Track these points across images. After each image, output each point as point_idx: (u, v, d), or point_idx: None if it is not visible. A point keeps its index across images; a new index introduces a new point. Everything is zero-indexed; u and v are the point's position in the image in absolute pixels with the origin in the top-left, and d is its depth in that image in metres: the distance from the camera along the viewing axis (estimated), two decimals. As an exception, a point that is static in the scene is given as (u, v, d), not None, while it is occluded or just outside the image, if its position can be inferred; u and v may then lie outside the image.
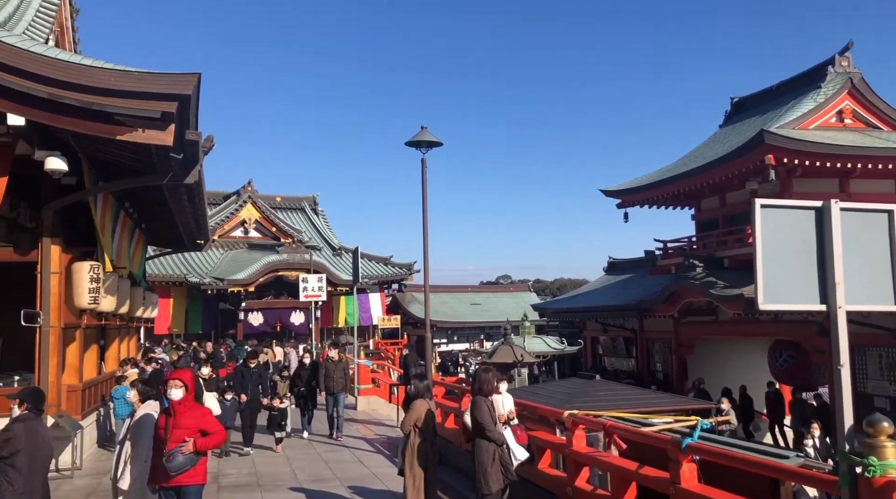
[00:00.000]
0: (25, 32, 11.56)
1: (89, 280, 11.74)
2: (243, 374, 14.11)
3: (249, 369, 14.22)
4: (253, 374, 14.18)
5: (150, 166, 11.14)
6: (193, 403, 6.19)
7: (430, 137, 13.05)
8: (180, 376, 6.25)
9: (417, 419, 8.36)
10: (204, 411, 6.35)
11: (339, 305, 35.73)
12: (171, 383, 6.09)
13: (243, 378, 13.97)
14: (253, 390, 13.91)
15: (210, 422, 6.24)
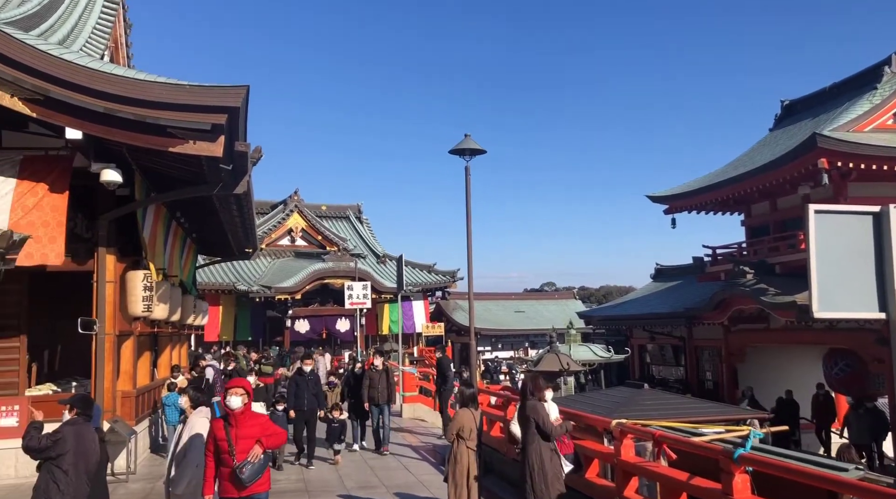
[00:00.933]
0: (83, 49, 12.00)
1: (143, 288, 12.05)
2: (298, 382, 13.02)
3: (304, 377, 13.09)
4: (308, 382, 13.06)
5: (201, 177, 11.41)
6: (252, 411, 6.05)
7: (473, 144, 13.08)
8: (240, 383, 6.07)
9: (461, 428, 8.36)
10: (263, 419, 6.22)
11: (383, 312, 35.98)
12: (231, 391, 5.91)
13: (298, 387, 12.92)
14: (309, 399, 12.93)
15: (271, 428, 6.13)
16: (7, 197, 10.36)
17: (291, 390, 12.94)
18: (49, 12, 12.41)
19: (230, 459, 5.73)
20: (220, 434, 5.82)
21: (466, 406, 8.55)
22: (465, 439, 8.35)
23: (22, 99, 9.58)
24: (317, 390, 13.28)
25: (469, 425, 8.40)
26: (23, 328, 11.90)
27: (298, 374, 13.29)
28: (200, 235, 19.34)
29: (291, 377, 13.63)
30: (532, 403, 7.86)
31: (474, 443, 8.39)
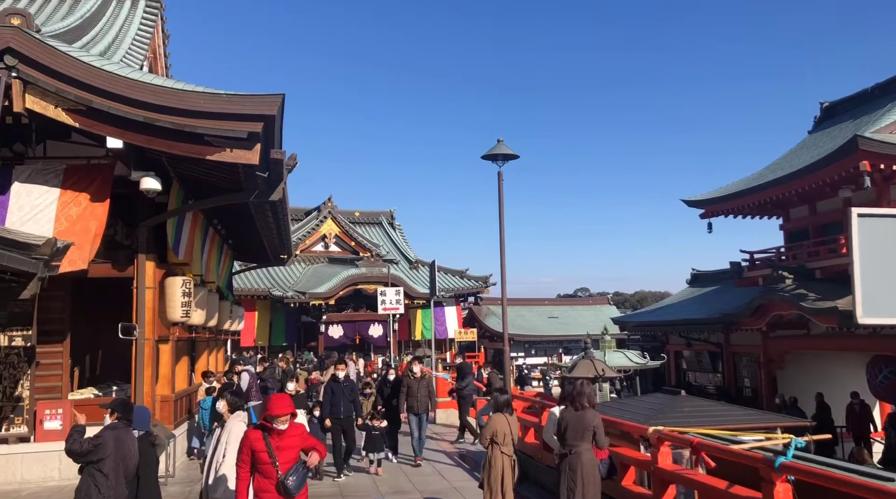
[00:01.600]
0: (123, 59, 12.29)
1: (182, 294, 12.25)
2: (333, 389, 12.26)
3: (340, 384, 12.29)
4: (345, 389, 12.26)
5: (238, 184, 11.59)
6: (293, 422, 5.85)
7: (506, 149, 13.06)
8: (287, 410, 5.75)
9: (494, 433, 8.32)
10: (301, 429, 6.00)
11: (415, 317, 36.05)
12: (279, 420, 5.65)
13: (333, 394, 12.17)
14: (346, 406, 12.21)
15: (311, 439, 5.97)
16: (52, 206, 10.65)
17: (327, 398, 12.30)
18: (91, 25, 12.75)
19: (273, 470, 5.58)
20: (258, 446, 5.63)
21: (501, 412, 8.50)
22: (499, 444, 8.30)
23: (65, 109, 9.84)
24: (353, 397, 12.48)
25: (503, 430, 8.35)
26: (66, 333, 12.18)
27: (333, 380, 12.53)
28: (237, 241, 19.63)
29: (326, 384, 12.93)
30: (591, 412, 7.79)
31: (509, 448, 8.34)
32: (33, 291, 8.81)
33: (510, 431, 8.37)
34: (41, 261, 8.58)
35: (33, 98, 9.76)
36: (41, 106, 9.81)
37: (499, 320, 41.47)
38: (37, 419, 11.31)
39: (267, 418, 5.66)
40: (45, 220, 10.57)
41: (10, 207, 10.65)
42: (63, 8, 15.50)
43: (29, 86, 9.69)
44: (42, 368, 11.81)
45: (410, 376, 13.39)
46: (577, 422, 7.70)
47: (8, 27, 9.45)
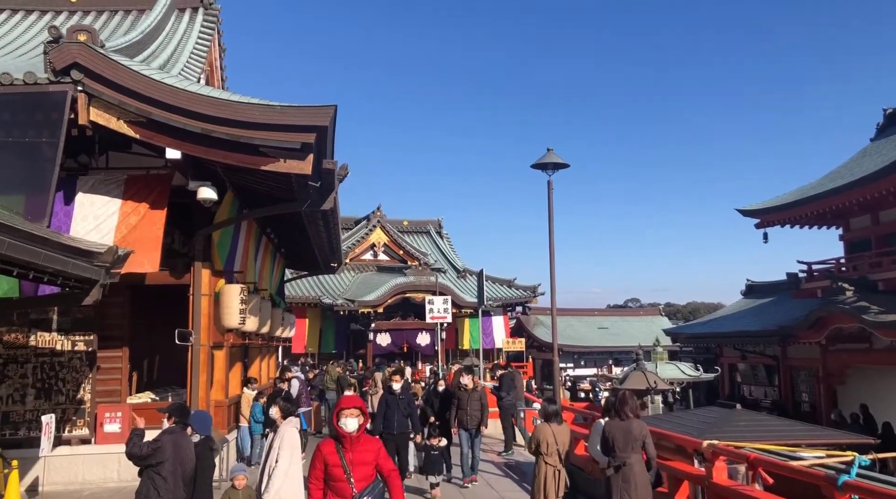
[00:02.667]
0: (181, 72, 12.63)
1: (238, 301, 12.50)
2: (388, 402, 11.22)
3: (395, 396, 11.26)
4: (400, 402, 11.23)
5: (290, 194, 11.79)
6: (367, 434, 5.41)
7: (556, 158, 12.98)
8: (354, 403, 5.36)
9: (538, 443, 8.26)
10: (378, 444, 5.48)
11: (463, 327, 36.01)
12: (345, 412, 5.25)
13: (388, 408, 11.15)
14: (400, 421, 11.17)
15: (384, 454, 5.45)
16: (114, 216, 11.02)
17: (380, 411, 11.23)
18: (151, 39, 13.16)
19: (347, 487, 5.16)
20: (332, 460, 5.21)
21: (548, 421, 8.43)
22: (544, 454, 8.23)
23: (127, 121, 10.18)
24: (409, 411, 11.33)
25: (548, 440, 8.27)
26: (125, 339, 12.55)
27: (388, 392, 11.50)
28: (288, 250, 19.95)
29: (381, 397, 11.86)
30: (638, 422, 7.68)
31: (554, 459, 8.25)
32: (95, 298, 9.08)
33: (556, 441, 8.27)
34: (103, 268, 8.84)
35: (97, 111, 10.12)
36: (104, 118, 10.16)
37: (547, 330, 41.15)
38: (97, 422, 11.67)
39: (337, 413, 5.31)
40: (107, 229, 10.93)
41: (75, 217, 11.05)
42: (125, 23, 16.08)
43: (93, 99, 10.06)
44: (102, 373, 12.18)
45: (461, 389, 12.54)
46: (626, 433, 7.58)
47: (75, 43, 9.83)
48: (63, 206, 10.99)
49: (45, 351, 11.82)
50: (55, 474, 11.30)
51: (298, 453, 6.58)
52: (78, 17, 16.34)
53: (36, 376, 11.76)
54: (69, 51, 9.84)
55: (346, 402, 5.36)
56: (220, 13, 16.94)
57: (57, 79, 9.88)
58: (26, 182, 10.35)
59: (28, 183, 10.35)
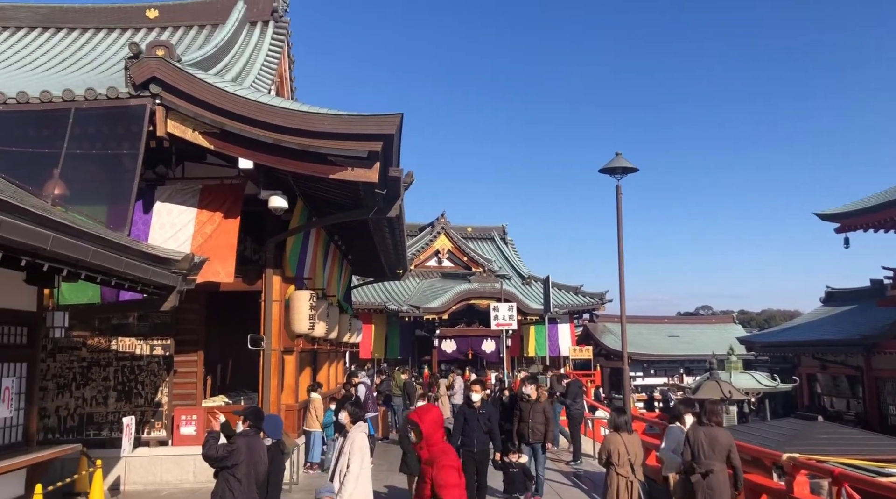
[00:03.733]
0: (253, 84, 12.99)
1: (308, 307, 12.73)
2: (466, 415, 9.86)
3: (474, 409, 9.87)
4: (480, 416, 9.79)
5: (357, 202, 11.95)
6: (443, 446, 5.43)
7: (624, 162, 12.73)
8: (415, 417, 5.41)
9: (608, 453, 8.10)
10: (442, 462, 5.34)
11: (528, 334, 35.72)
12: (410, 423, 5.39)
13: (466, 422, 9.79)
14: (480, 438, 9.72)
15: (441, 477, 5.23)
16: (190, 224, 11.39)
17: (458, 425, 9.90)
18: (224, 53, 13.57)
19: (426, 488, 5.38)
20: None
21: (618, 431, 8.25)
22: (615, 464, 8.06)
23: (202, 133, 10.52)
24: (490, 426, 9.95)
25: (619, 450, 8.10)
26: (200, 344, 12.93)
27: (467, 404, 10.11)
28: (355, 256, 20.22)
29: (459, 409, 10.63)
30: (724, 430, 7.53)
31: (626, 469, 8.06)
32: (173, 304, 9.40)
33: (626, 451, 8.09)
34: (180, 275, 9.15)
35: (174, 123, 10.50)
36: (180, 130, 10.53)
37: (615, 338, 40.41)
38: (174, 424, 12.04)
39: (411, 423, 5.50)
40: (184, 237, 11.31)
41: (153, 225, 11.48)
42: (200, 38, 16.66)
43: (170, 112, 10.44)
44: (179, 376, 12.58)
45: (523, 399, 11.63)
46: (713, 441, 7.44)
47: (153, 58, 10.22)
48: (142, 215, 11.43)
49: (125, 355, 12.30)
50: (135, 473, 11.72)
51: (368, 457, 6.63)
52: (156, 33, 17.01)
53: (117, 379, 12.24)
54: (148, 65, 10.24)
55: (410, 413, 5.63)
56: (289, 25, 17.37)
57: (137, 93, 10.31)
58: (108, 192, 10.81)
59: (110, 193, 10.82)
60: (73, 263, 7.10)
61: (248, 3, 16.84)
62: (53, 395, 12.02)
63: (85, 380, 12.19)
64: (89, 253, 6.96)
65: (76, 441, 10.90)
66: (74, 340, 12.10)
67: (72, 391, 12.13)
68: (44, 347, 11.16)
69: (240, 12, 16.12)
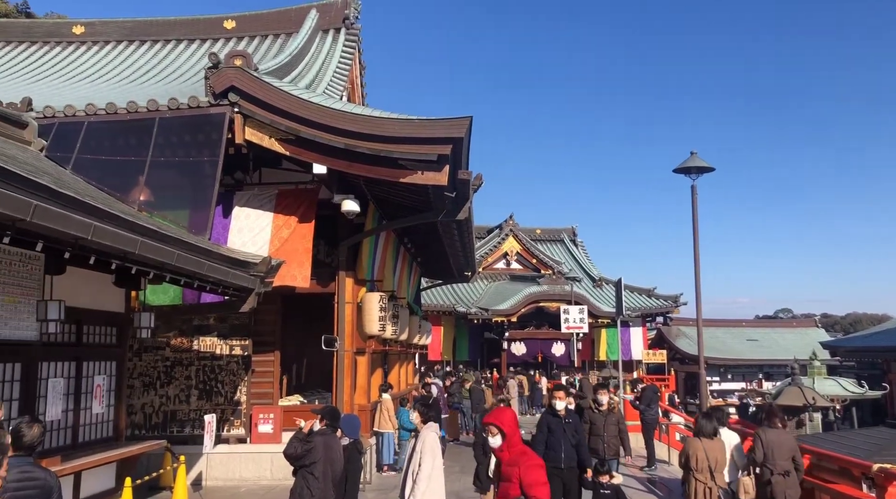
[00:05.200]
0: (325, 91, 13.29)
1: (379, 309, 12.91)
2: (550, 426, 8.40)
3: (560, 419, 8.37)
4: (566, 426, 8.35)
5: (427, 205, 12.05)
6: (523, 448, 5.04)
7: (699, 162, 12.42)
8: (492, 419, 5.04)
9: (688, 459, 7.90)
10: (529, 461, 4.94)
11: (600, 337, 35.19)
12: (487, 429, 5.02)
13: (551, 433, 8.36)
14: (568, 451, 8.27)
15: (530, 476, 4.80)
16: (267, 229, 11.74)
17: (540, 437, 8.48)
18: (298, 61, 13.93)
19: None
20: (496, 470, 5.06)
21: (699, 436, 8.05)
22: (694, 470, 7.87)
23: (277, 139, 10.84)
24: (579, 439, 8.44)
25: (698, 456, 7.90)
26: (277, 344, 13.28)
27: (550, 413, 8.55)
28: (424, 259, 20.39)
29: (541, 418, 8.91)
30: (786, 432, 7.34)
31: (705, 475, 7.85)
32: (251, 305, 9.71)
33: (707, 457, 7.87)
34: (258, 277, 9.44)
35: (251, 130, 10.85)
36: (258, 137, 10.88)
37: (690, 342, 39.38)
38: (252, 422, 12.41)
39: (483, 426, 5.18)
40: (261, 241, 11.67)
41: (232, 229, 11.88)
42: (275, 47, 17.15)
43: (248, 119, 10.79)
44: (256, 376, 12.95)
45: (594, 409, 10.48)
46: (783, 443, 7.30)
47: (232, 68, 10.59)
48: (222, 219, 11.84)
49: (206, 355, 12.75)
50: (215, 469, 12.13)
51: (440, 456, 6.67)
52: (233, 43, 17.61)
53: (198, 378, 12.70)
54: (227, 75, 10.62)
55: (487, 416, 5.21)
56: (360, 32, 17.67)
57: (216, 102, 10.70)
58: (190, 198, 11.27)
59: (191, 199, 11.27)
60: (159, 266, 7.42)
61: (321, 11, 17.24)
62: (140, 392, 12.57)
63: (168, 378, 12.70)
64: (174, 256, 7.26)
65: (161, 437, 11.36)
66: (159, 340, 12.61)
67: (156, 389, 12.66)
68: (131, 346, 11.68)
69: (313, 20, 16.52)
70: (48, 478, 4.33)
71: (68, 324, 8.32)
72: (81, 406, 8.91)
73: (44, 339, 7.75)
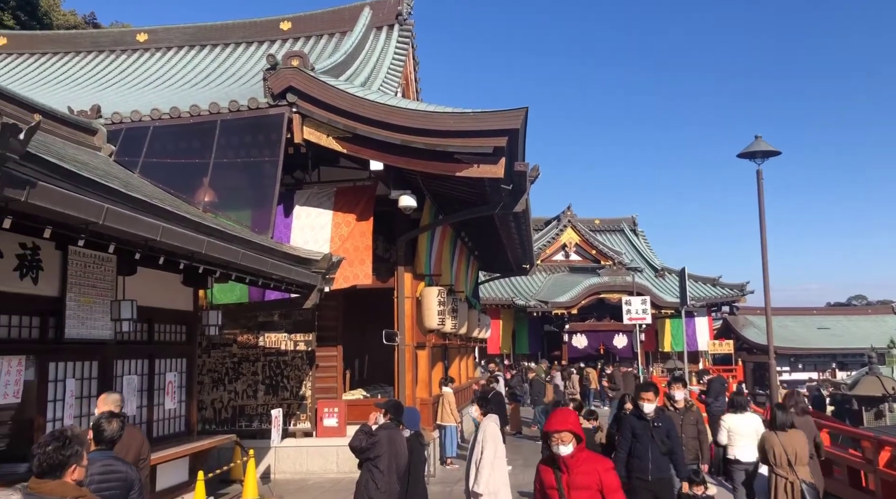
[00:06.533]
0: (380, 88, 13.39)
1: (437, 303, 12.97)
2: (635, 429, 7.21)
3: (647, 422, 7.18)
4: (655, 431, 7.13)
5: (483, 198, 12.02)
6: (589, 452, 4.55)
7: (765, 146, 12.02)
8: (565, 425, 4.37)
9: (763, 453, 7.67)
10: (605, 464, 4.51)
11: (663, 328, 34.55)
12: (555, 437, 4.34)
13: (636, 440, 7.15)
14: (658, 462, 7.08)
15: (611, 480, 4.37)
16: (327, 226, 11.93)
17: (624, 443, 7.29)
18: (352, 59, 14.08)
19: None
20: (548, 481, 4.45)
21: (776, 429, 7.80)
22: (773, 464, 7.62)
23: (335, 138, 10.98)
24: (670, 447, 7.23)
25: (775, 449, 7.65)
26: (339, 339, 13.49)
27: (636, 415, 7.36)
28: (481, 252, 20.37)
29: (624, 422, 7.65)
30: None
31: (785, 470, 7.59)
32: (314, 302, 9.88)
33: (785, 450, 7.62)
34: (320, 274, 9.60)
35: (309, 129, 11.02)
36: (316, 136, 11.04)
37: (758, 331, 38.25)
38: (317, 416, 12.64)
39: (544, 435, 4.53)
40: (322, 238, 11.85)
41: (293, 228, 12.11)
42: (330, 46, 17.37)
43: (306, 119, 10.97)
44: (320, 370, 13.19)
45: (670, 407, 8.72)
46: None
47: (289, 68, 10.77)
48: (283, 218, 12.08)
49: (271, 350, 13.04)
50: (283, 463, 12.41)
51: (501, 444, 6.68)
52: (290, 44, 17.92)
53: (265, 373, 13.00)
54: (284, 75, 10.81)
55: (554, 423, 4.43)
56: (413, 28, 17.74)
57: (275, 102, 10.91)
58: (252, 198, 11.53)
59: (253, 198, 11.53)
60: (224, 264, 7.62)
61: (374, 9, 17.38)
62: (209, 388, 12.95)
63: (236, 374, 13.04)
64: (239, 255, 7.43)
65: (230, 432, 11.67)
66: (226, 337, 12.96)
67: (225, 385, 13.01)
68: (200, 343, 12.03)
69: (366, 18, 16.66)
70: (129, 471, 4.49)
71: (140, 323, 8.60)
72: (155, 402, 9.22)
73: (118, 337, 8.05)
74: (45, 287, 7.01)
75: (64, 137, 8.84)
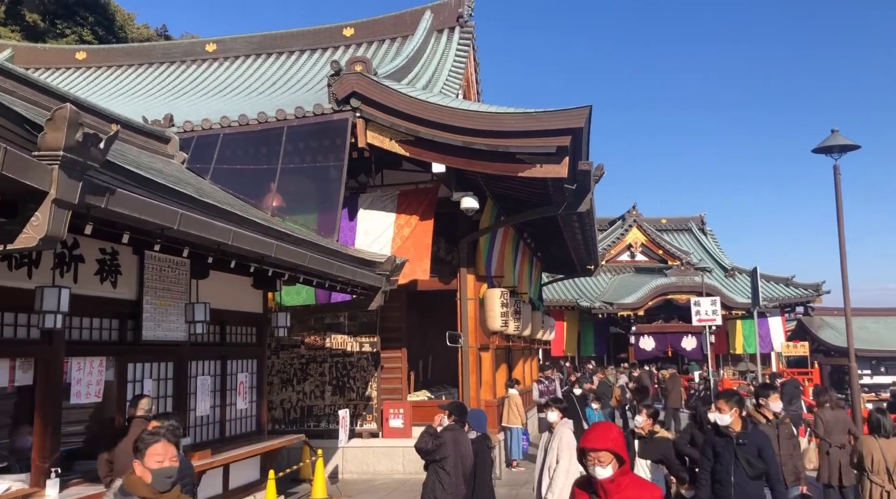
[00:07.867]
0: (441, 90, 13.44)
1: (500, 305, 12.93)
2: (716, 448, 6.07)
3: (731, 439, 5.97)
4: (740, 450, 5.92)
5: (546, 198, 11.91)
6: (634, 477, 3.85)
7: (842, 140, 11.51)
8: (605, 443, 3.60)
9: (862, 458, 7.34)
10: (654, 493, 3.71)
11: (734, 329, 33.53)
12: (591, 456, 3.63)
13: (718, 461, 6.03)
14: (746, 486, 5.87)
15: None
16: (389, 229, 12.05)
17: (705, 464, 6.17)
18: (414, 63, 14.18)
19: None
20: None
21: (873, 434, 7.46)
22: (868, 471, 7.30)
23: (398, 141, 11.07)
24: (763, 469, 5.89)
25: (873, 455, 7.32)
26: (403, 341, 13.59)
27: (716, 432, 6.15)
28: (544, 253, 20.20)
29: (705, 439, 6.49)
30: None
31: (882, 478, 7.26)
32: (378, 303, 9.98)
33: (884, 457, 7.26)
34: (384, 276, 9.69)
35: (373, 133, 11.15)
36: (379, 140, 11.16)
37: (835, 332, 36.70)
38: (383, 417, 12.77)
39: (579, 452, 3.82)
40: (384, 241, 11.97)
41: (358, 231, 12.27)
42: (392, 50, 17.54)
43: (369, 123, 11.10)
44: (385, 372, 13.31)
45: (760, 419, 7.38)
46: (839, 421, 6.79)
47: (353, 74, 10.93)
48: (348, 221, 12.26)
49: (338, 352, 13.25)
50: (350, 463, 12.58)
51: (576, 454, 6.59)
52: (353, 50, 18.19)
53: (332, 374, 13.22)
54: (348, 81, 10.97)
55: (591, 439, 3.66)
56: (474, 30, 17.75)
57: (339, 108, 11.08)
58: (318, 202, 11.75)
59: (319, 202, 11.75)
60: (293, 267, 7.78)
61: (435, 12, 17.46)
62: (278, 389, 13.25)
63: (304, 375, 13.29)
64: (306, 258, 7.58)
65: (299, 432, 11.90)
66: (294, 339, 13.23)
67: (293, 386, 13.29)
68: (269, 345, 12.32)
69: (427, 22, 16.77)
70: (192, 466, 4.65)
71: (213, 325, 8.86)
72: (227, 402, 9.49)
73: (192, 339, 8.31)
74: (123, 290, 7.31)
75: (139, 146, 9.21)
